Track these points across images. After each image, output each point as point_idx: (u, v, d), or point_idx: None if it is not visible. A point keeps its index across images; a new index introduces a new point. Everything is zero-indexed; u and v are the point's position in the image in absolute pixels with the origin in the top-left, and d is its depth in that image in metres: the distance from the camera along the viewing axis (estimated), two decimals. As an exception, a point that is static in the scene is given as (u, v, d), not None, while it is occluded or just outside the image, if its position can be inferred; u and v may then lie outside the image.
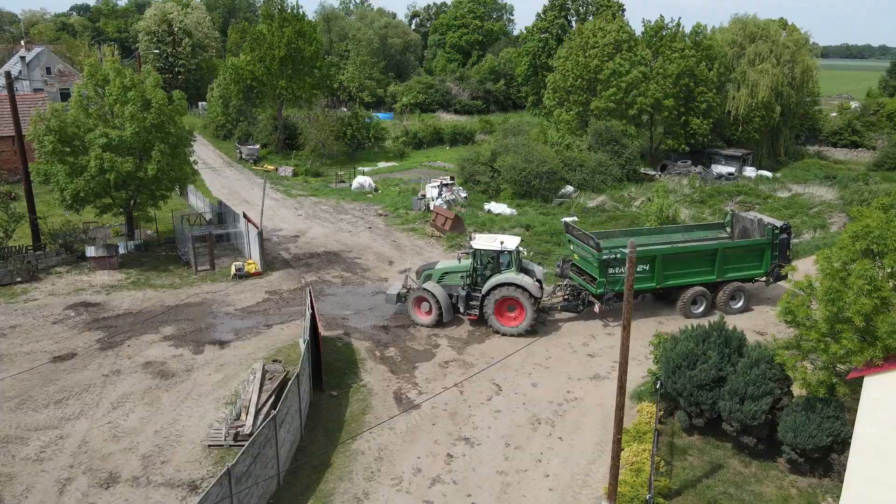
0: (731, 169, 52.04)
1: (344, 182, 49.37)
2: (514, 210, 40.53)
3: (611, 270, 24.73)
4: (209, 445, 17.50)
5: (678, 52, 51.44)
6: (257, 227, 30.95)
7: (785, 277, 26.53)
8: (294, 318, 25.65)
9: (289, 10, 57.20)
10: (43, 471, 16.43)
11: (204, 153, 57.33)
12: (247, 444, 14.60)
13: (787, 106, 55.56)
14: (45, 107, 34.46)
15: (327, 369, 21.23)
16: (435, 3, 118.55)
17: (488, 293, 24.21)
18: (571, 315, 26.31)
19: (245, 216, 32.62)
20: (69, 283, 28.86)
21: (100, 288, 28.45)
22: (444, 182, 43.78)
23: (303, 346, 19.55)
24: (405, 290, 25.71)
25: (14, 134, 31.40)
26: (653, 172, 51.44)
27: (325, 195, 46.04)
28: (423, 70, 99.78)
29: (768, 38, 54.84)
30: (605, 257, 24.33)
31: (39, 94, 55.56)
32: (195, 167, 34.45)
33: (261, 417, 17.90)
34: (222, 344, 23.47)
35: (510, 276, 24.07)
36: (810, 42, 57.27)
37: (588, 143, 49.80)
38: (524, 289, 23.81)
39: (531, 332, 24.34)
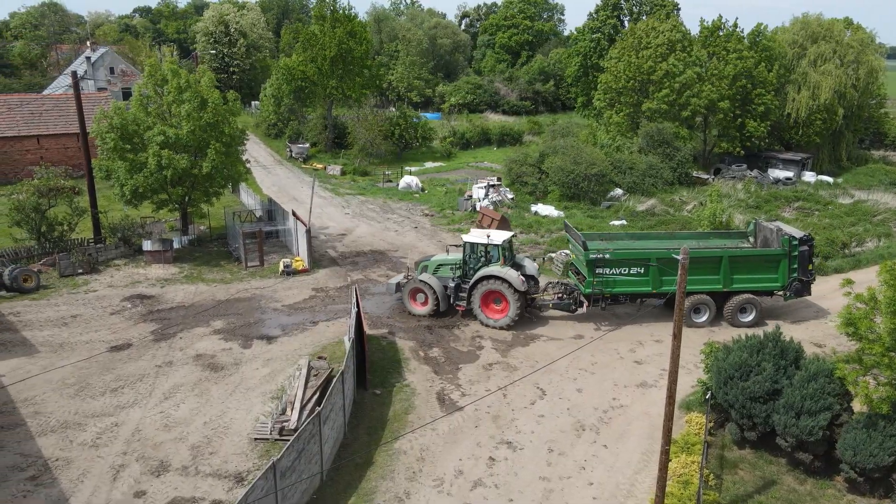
0: (790, 173, 50.20)
1: (391, 181, 49.71)
2: (562, 212, 40.05)
3: (599, 270, 24.51)
4: (255, 439, 17.83)
5: (735, 53, 49.95)
6: (305, 225, 31.43)
7: (805, 294, 25.51)
8: (339, 315, 25.93)
9: (340, 11, 57.96)
10: (98, 456, 17.02)
11: (255, 151, 58.58)
12: (292, 439, 14.80)
13: (851, 109, 53.24)
14: (108, 105, 35.82)
15: (371, 368, 21.38)
16: (485, 4, 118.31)
17: (475, 285, 24.63)
18: (619, 321, 25.85)
19: (294, 214, 33.16)
20: (126, 276, 29.89)
21: (155, 281, 29.36)
22: (491, 183, 43.62)
23: (348, 344, 19.73)
24: (405, 281, 26.32)
25: (79, 131, 32.70)
26: (706, 176, 50.07)
27: (372, 194, 46.45)
28: (471, 70, 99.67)
29: (831, 39, 52.69)
30: (592, 257, 24.30)
31: (103, 93, 57.83)
32: (247, 165, 35.19)
33: (305, 413, 18.13)
34: (270, 339, 23.91)
35: (495, 269, 24.46)
36: (876, 42, 54.80)
37: (639, 145, 48.81)
38: (508, 282, 24.13)
39: (511, 326, 24.71)
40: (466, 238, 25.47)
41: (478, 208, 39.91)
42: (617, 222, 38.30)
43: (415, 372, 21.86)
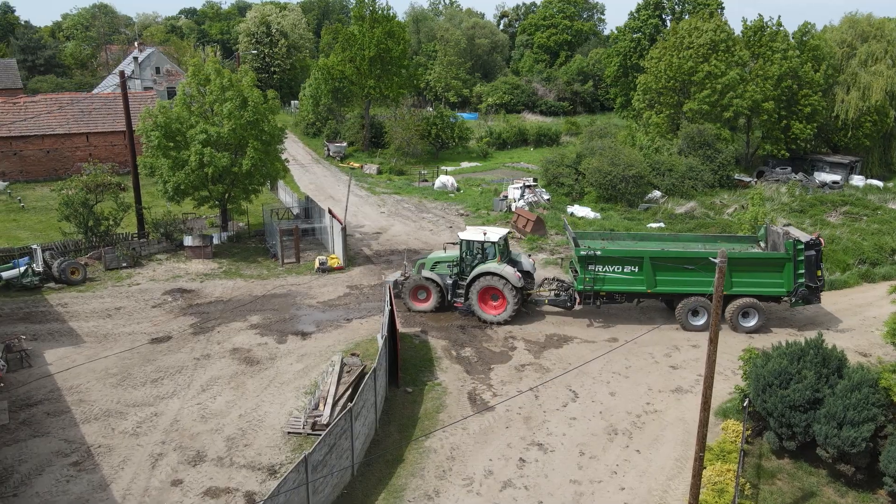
0: (837, 177, 48.71)
1: (427, 181, 49.90)
2: (598, 214, 39.64)
3: (591, 267, 24.39)
4: (288, 432, 18.10)
5: (780, 53, 48.67)
6: (341, 223, 31.77)
7: (814, 301, 24.57)
8: (373, 313, 26.14)
9: (379, 12, 58.41)
10: (138, 445, 17.51)
11: (294, 150, 59.48)
12: (324, 433, 14.98)
13: (903, 110, 51.41)
14: (153, 104, 36.82)
15: (403, 366, 21.49)
16: (524, 4, 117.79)
17: (472, 282, 24.93)
18: (653, 325, 25.46)
19: (330, 212, 33.56)
20: (168, 270, 30.67)
21: (195, 276, 30.05)
22: (527, 183, 43.41)
23: (381, 342, 19.87)
24: (403, 278, 26.59)
25: (126, 129, 33.69)
26: (748, 179, 48.93)
27: (407, 193, 46.69)
28: (509, 71, 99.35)
29: (883, 38, 50.94)
30: (582, 253, 24.39)
31: (149, 92, 59.48)
32: (285, 164, 35.73)
33: (338, 409, 18.32)
34: (304, 335, 24.24)
35: (492, 265, 24.76)
36: (931, 41, 52.70)
37: (678, 146, 47.98)
38: (505, 278, 24.42)
39: (508, 322, 24.98)
40: (463, 235, 25.70)
41: (513, 209, 39.77)
42: (655, 225, 37.71)
43: (447, 371, 21.90)
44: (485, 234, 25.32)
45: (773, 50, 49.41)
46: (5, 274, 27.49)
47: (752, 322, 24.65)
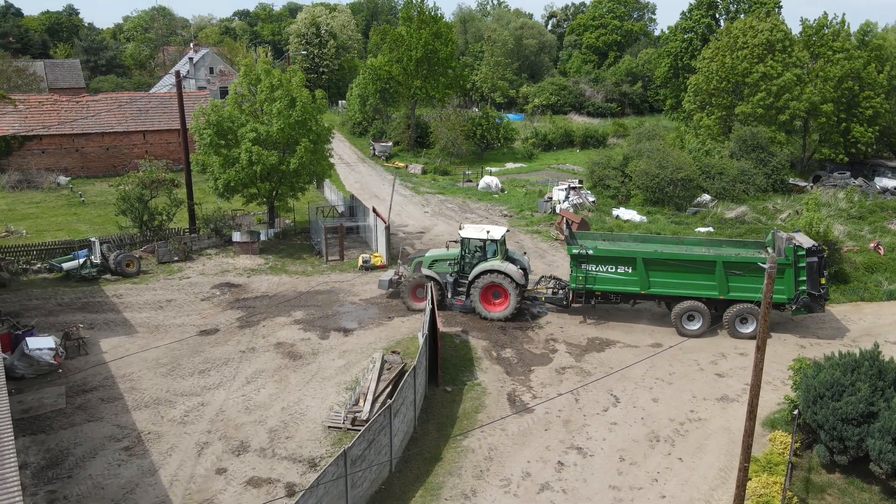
0: (899, 182, 46.62)
1: (471, 181, 49.92)
2: (644, 217, 38.96)
3: (584, 266, 24.44)
4: (329, 427, 18.39)
5: (844, 53, 46.83)
6: (385, 222, 32.07)
7: (817, 310, 23.76)
8: (414, 311, 26.29)
9: (427, 13, 58.74)
10: (185, 433, 18.06)
11: (340, 149, 60.32)
12: (363, 429, 15.17)
13: (974, 113, 48.87)
14: (206, 103, 37.89)
15: (444, 365, 21.55)
16: (573, 4, 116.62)
17: (474, 280, 25.08)
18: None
19: (374, 210, 33.92)
20: (217, 265, 31.52)
21: (242, 271, 30.80)
22: (572, 185, 42.98)
23: (421, 340, 19.99)
24: (397, 277, 26.74)
25: (179, 127, 34.78)
26: (803, 183, 47.28)
27: (451, 193, 46.81)
28: (556, 71, 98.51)
29: (953, 37, 48.52)
30: (574, 252, 24.53)
31: (203, 91, 61.25)
32: (332, 162, 36.26)
33: (377, 405, 18.52)
34: (346, 331, 24.57)
35: (495, 263, 24.97)
36: None
37: (730, 149, 46.72)
38: (509, 276, 24.60)
39: (511, 318, 25.15)
40: (464, 233, 25.70)
41: (558, 210, 39.43)
42: (703, 229, 36.84)
43: (486, 371, 21.88)
44: (487, 231, 25.52)
45: (833, 50, 47.61)
46: (66, 265, 28.76)
47: (749, 328, 24.14)
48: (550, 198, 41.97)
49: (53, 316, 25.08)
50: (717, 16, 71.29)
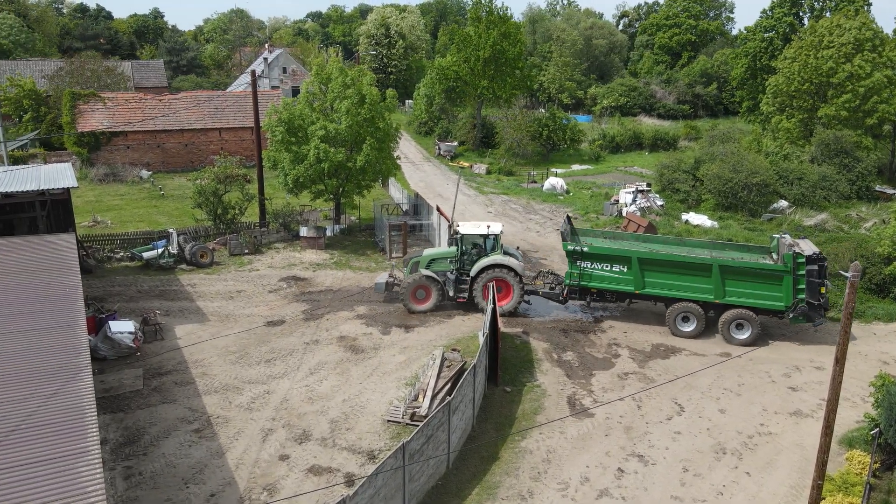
0: None
1: (536, 182, 49.51)
2: (716, 223, 37.65)
3: (579, 263, 24.53)
4: (388, 420, 18.63)
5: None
6: (448, 221, 32.20)
7: (815, 319, 22.83)
8: (475, 310, 26.30)
9: (495, 13, 58.64)
10: (251, 419, 18.70)
11: (406, 148, 60.99)
12: (422, 424, 15.29)
13: None
14: (278, 102, 39.09)
15: (503, 365, 21.48)
16: (646, 3, 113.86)
17: (477, 275, 25.20)
18: (769, 340, 23.89)
19: (438, 209, 34.12)
20: (284, 259, 32.46)
21: (308, 265, 31.61)
22: (640, 188, 41.98)
23: (482, 339, 19.98)
24: (392, 280, 26.79)
25: (253, 125, 36.01)
26: (892, 191, 44.54)
27: (515, 194, 46.57)
28: (626, 72, 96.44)
29: None
30: (569, 248, 24.53)
31: (276, 90, 63.18)
32: (397, 161, 36.71)
33: (436, 402, 18.63)
34: (407, 328, 24.82)
35: (498, 257, 25.18)
36: None
37: (811, 153, 44.54)
38: (512, 269, 24.89)
39: (514, 313, 25.34)
40: (463, 230, 25.75)
41: (624, 214, 38.61)
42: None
43: (546, 373, 21.66)
44: (488, 227, 25.61)
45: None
46: (146, 254, 30.29)
47: (745, 335, 23.52)
48: (617, 200, 41.14)
49: (133, 302, 26.46)
50: (801, 14, 68.06)
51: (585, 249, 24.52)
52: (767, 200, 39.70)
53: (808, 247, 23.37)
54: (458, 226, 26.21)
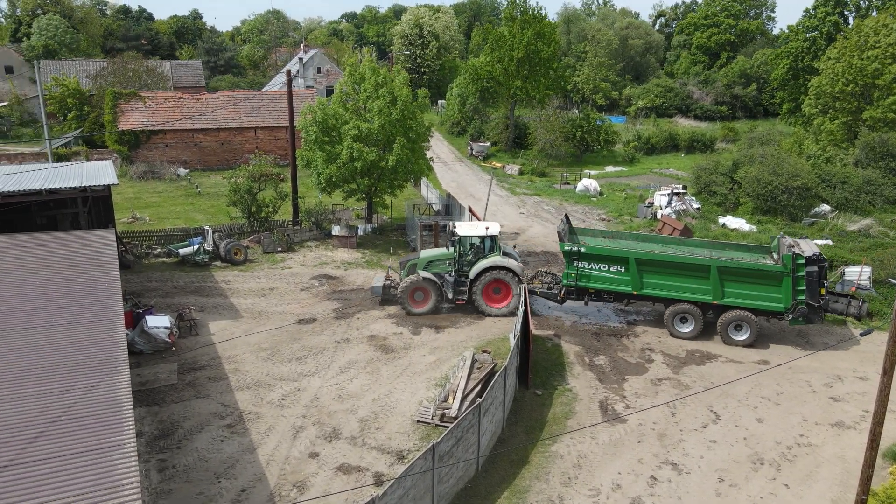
0: None
1: (569, 184, 49.06)
2: (754, 226, 36.77)
3: (577, 263, 24.34)
4: (417, 421, 18.58)
5: None
6: (480, 222, 32.03)
7: (816, 322, 22.36)
8: (506, 311, 26.08)
9: (530, 13, 58.28)
10: (282, 416, 18.84)
11: (438, 148, 60.99)
12: (452, 425, 15.19)
13: None
14: (313, 101, 39.42)
15: (534, 368, 21.26)
16: (684, 2, 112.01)
17: (476, 277, 24.99)
18: (810, 350, 23.18)
19: (470, 210, 33.99)
20: (316, 257, 32.71)
21: (340, 263, 31.79)
22: (676, 190, 41.23)
23: (513, 342, 19.81)
24: (388, 283, 26.59)
25: (288, 124, 36.38)
26: (939, 196, 42.95)
27: (548, 195, 46.19)
28: (662, 73, 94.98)
29: None
30: (566, 248, 24.35)
31: (310, 90, 63.85)
32: (429, 161, 36.70)
33: (466, 403, 18.51)
34: (438, 328, 24.76)
35: (497, 259, 24.99)
36: None
37: (855, 157, 43.21)
38: (511, 271, 24.79)
39: (514, 313, 24.70)
40: (461, 231, 25.37)
41: (658, 216, 37.96)
42: (820, 242, 34.27)
43: (578, 377, 21.38)
44: (486, 228, 25.32)
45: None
46: (182, 251, 30.83)
47: (743, 336, 23.18)
48: (651, 203, 40.49)
49: (169, 297, 26.94)
50: (846, 13, 66.18)
51: (582, 250, 24.34)
52: (808, 204, 38.64)
53: (808, 247, 22.88)
54: (454, 227, 25.95)
